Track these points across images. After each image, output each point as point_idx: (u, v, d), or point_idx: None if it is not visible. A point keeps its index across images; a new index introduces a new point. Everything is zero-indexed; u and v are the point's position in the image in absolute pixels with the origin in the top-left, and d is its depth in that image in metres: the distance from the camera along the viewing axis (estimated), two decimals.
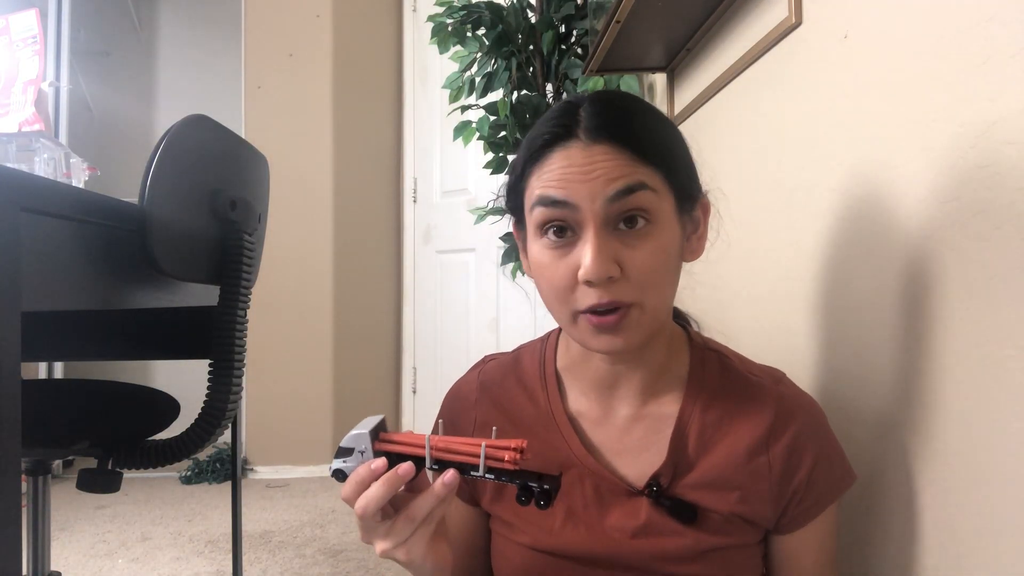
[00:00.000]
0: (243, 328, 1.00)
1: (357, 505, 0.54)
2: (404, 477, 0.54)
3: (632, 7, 1.09)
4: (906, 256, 0.68)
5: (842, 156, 0.79)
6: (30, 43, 1.61)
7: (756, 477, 0.64)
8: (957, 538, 0.62)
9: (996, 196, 0.56)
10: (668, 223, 0.60)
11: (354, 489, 0.54)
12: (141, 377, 3.30)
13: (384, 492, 0.53)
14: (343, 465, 0.58)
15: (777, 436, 0.65)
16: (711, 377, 0.68)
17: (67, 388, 1.29)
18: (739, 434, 0.65)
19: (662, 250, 0.59)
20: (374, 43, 3.13)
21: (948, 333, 0.62)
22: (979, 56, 0.58)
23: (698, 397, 0.67)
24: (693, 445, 0.65)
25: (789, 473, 0.65)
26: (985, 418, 0.58)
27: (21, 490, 0.68)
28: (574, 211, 0.58)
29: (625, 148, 0.58)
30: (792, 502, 0.65)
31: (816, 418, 0.67)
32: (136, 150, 2.97)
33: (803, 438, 0.65)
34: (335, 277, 2.99)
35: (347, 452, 0.58)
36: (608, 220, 0.58)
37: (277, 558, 1.95)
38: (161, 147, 0.84)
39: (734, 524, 0.65)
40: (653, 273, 0.58)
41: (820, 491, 0.66)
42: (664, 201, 0.59)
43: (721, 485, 0.64)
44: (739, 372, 0.68)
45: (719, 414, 0.66)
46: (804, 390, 0.70)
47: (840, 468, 0.68)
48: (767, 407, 0.66)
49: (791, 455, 0.65)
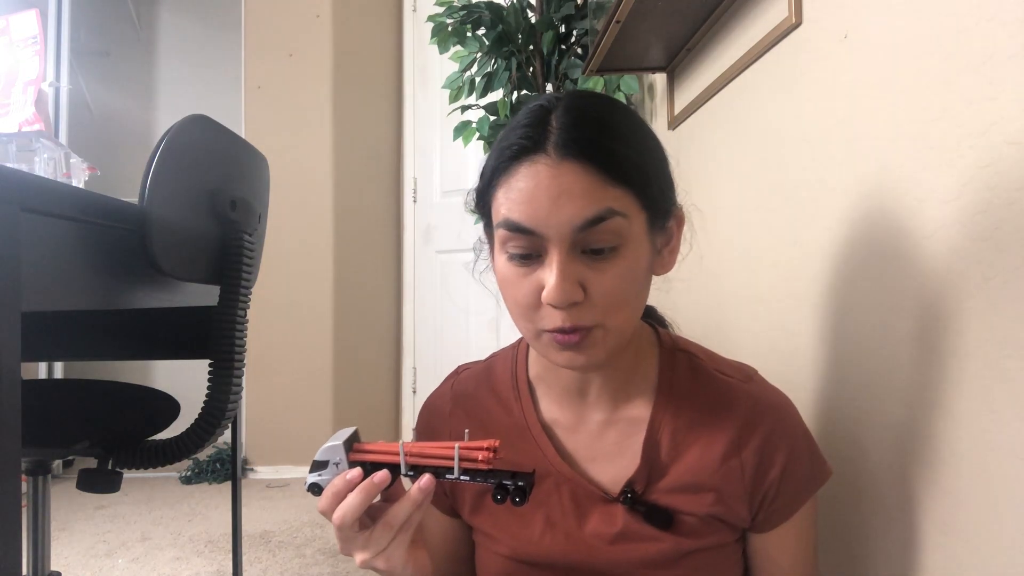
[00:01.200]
0: (243, 328, 1.00)
1: (335, 516, 0.54)
2: (380, 485, 0.54)
3: (632, 7, 1.09)
4: (906, 256, 0.68)
5: (842, 156, 0.79)
6: (30, 44, 1.61)
7: (729, 478, 0.65)
8: (958, 539, 0.62)
9: (996, 196, 0.56)
10: (637, 243, 0.58)
11: (330, 501, 0.54)
12: (141, 377, 3.30)
13: (361, 501, 0.53)
14: (319, 479, 0.57)
15: (748, 437, 0.65)
16: (681, 379, 0.67)
17: (67, 388, 1.29)
18: (711, 436, 0.65)
19: (628, 272, 0.57)
20: (374, 43, 3.13)
21: (948, 333, 0.62)
22: (979, 56, 0.58)
23: (669, 400, 0.66)
24: (666, 449, 0.65)
25: (761, 473, 0.65)
26: (985, 418, 0.58)
27: (21, 490, 0.68)
28: (540, 238, 0.56)
29: (595, 168, 0.55)
30: (766, 501, 0.66)
31: (786, 416, 0.67)
32: (136, 150, 2.98)
33: (774, 437, 0.65)
34: (335, 277, 2.99)
35: (322, 465, 0.58)
36: (575, 245, 0.56)
37: (277, 558, 1.95)
38: (161, 147, 0.84)
39: (710, 525, 0.65)
40: (618, 296, 0.57)
41: (793, 489, 0.66)
42: (635, 222, 0.57)
43: (696, 488, 0.65)
44: (709, 373, 0.68)
45: (691, 417, 0.66)
46: (775, 386, 0.69)
47: (813, 465, 0.67)
48: (737, 408, 0.65)
49: (762, 455, 0.65)
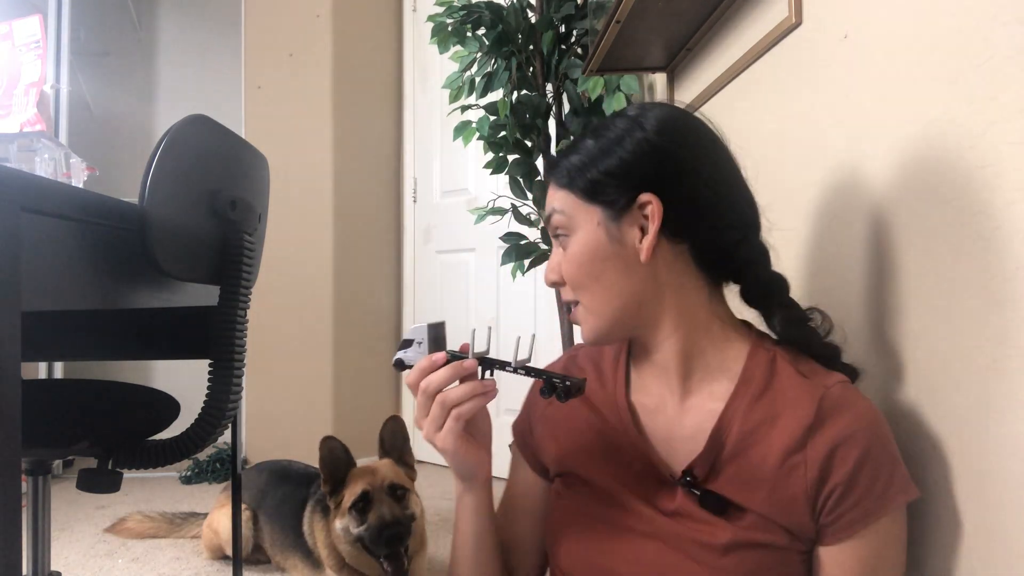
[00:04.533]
0: (243, 328, 1.00)
1: (422, 384, 0.67)
2: (468, 369, 0.67)
3: (632, 7, 1.09)
4: (906, 256, 0.68)
5: (842, 156, 0.79)
6: (33, 47, 1.61)
7: (792, 476, 0.63)
8: (959, 539, 0.62)
9: (996, 196, 0.56)
10: (584, 231, 0.69)
11: (416, 376, 0.68)
12: (141, 377, 3.30)
13: (447, 376, 0.67)
14: (403, 355, 0.70)
15: (817, 433, 0.62)
16: (761, 375, 0.67)
17: (67, 388, 1.29)
18: (779, 431, 0.64)
19: (575, 256, 0.69)
20: (374, 43, 3.13)
21: (948, 333, 0.62)
22: (979, 56, 0.58)
23: (745, 394, 0.67)
24: (733, 440, 0.66)
25: (826, 473, 0.62)
26: (986, 419, 0.58)
27: (21, 490, 0.68)
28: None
29: (550, 179, 0.73)
30: (828, 505, 0.62)
31: (868, 422, 0.63)
32: (136, 150, 2.97)
33: (848, 438, 0.61)
34: (335, 277, 2.99)
35: (407, 344, 0.70)
36: (553, 238, 0.73)
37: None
38: (161, 147, 0.84)
39: (767, 524, 0.64)
40: (576, 276, 0.70)
41: (864, 499, 0.61)
42: (579, 216, 0.69)
43: (755, 483, 0.64)
44: (789, 371, 0.67)
45: (764, 412, 0.65)
46: (866, 397, 0.65)
47: (891, 478, 0.62)
48: (809, 404, 0.63)
49: (830, 454, 0.61)
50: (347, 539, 1.48)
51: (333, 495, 1.51)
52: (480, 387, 0.67)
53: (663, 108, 0.71)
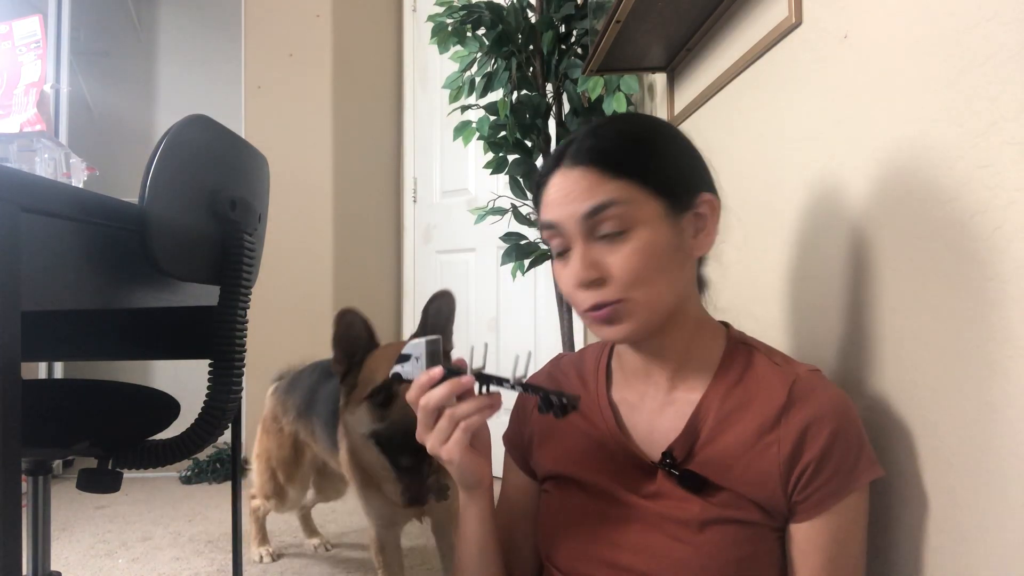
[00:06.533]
0: (243, 328, 1.00)
1: (422, 401, 0.68)
2: (465, 385, 0.67)
3: (632, 7, 1.09)
4: (906, 256, 0.68)
5: (842, 156, 0.79)
6: (33, 47, 1.62)
7: (765, 453, 0.66)
8: (959, 539, 0.62)
9: (996, 196, 0.56)
10: (651, 225, 0.67)
11: (416, 392, 0.69)
12: (141, 377, 3.30)
13: (447, 392, 0.67)
14: (400, 369, 0.72)
15: (789, 414, 0.66)
16: (737, 367, 0.72)
17: (67, 388, 1.29)
18: (753, 414, 0.68)
19: (642, 251, 0.66)
20: (374, 43, 3.13)
21: (948, 333, 0.62)
22: (979, 56, 0.58)
23: (721, 384, 0.71)
24: (710, 425, 0.70)
25: (798, 450, 0.65)
26: (986, 418, 0.58)
27: (21, 490, 0.68)
28: (561, 230, 0.69)
29: (595, 168, 0.67)
30: (801, 482, 0.65)
31: (837, 406, 0.66)
32: (136, 150, 2.96)
33: (820, 418, 0.65)
34: (335, 277, 2.99)
35: (405, 358, 0.71)
36: (590, 232, 0.67)
37: (277, 558, 1.95)
38: (161, 147, 0.84)
39: (742, 502, 0.67)
40: (636, 272, 0.66)
41: (834, 476, 0.64)
42: (642, 207, 0.67)
43: (731, 463, 0.67)
44: (764, 361, 0.72)
45: (739, 399, 0.70)
46: (837, 386, 0.69)
47: (859, 457, 0.65)
48: (782, 388, 0.68)
49: (803, 433, 0.65)
50: (360, 432, 1.14)
51: (347, 381, 1.18)
52: (487, 400, 0.68)
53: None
